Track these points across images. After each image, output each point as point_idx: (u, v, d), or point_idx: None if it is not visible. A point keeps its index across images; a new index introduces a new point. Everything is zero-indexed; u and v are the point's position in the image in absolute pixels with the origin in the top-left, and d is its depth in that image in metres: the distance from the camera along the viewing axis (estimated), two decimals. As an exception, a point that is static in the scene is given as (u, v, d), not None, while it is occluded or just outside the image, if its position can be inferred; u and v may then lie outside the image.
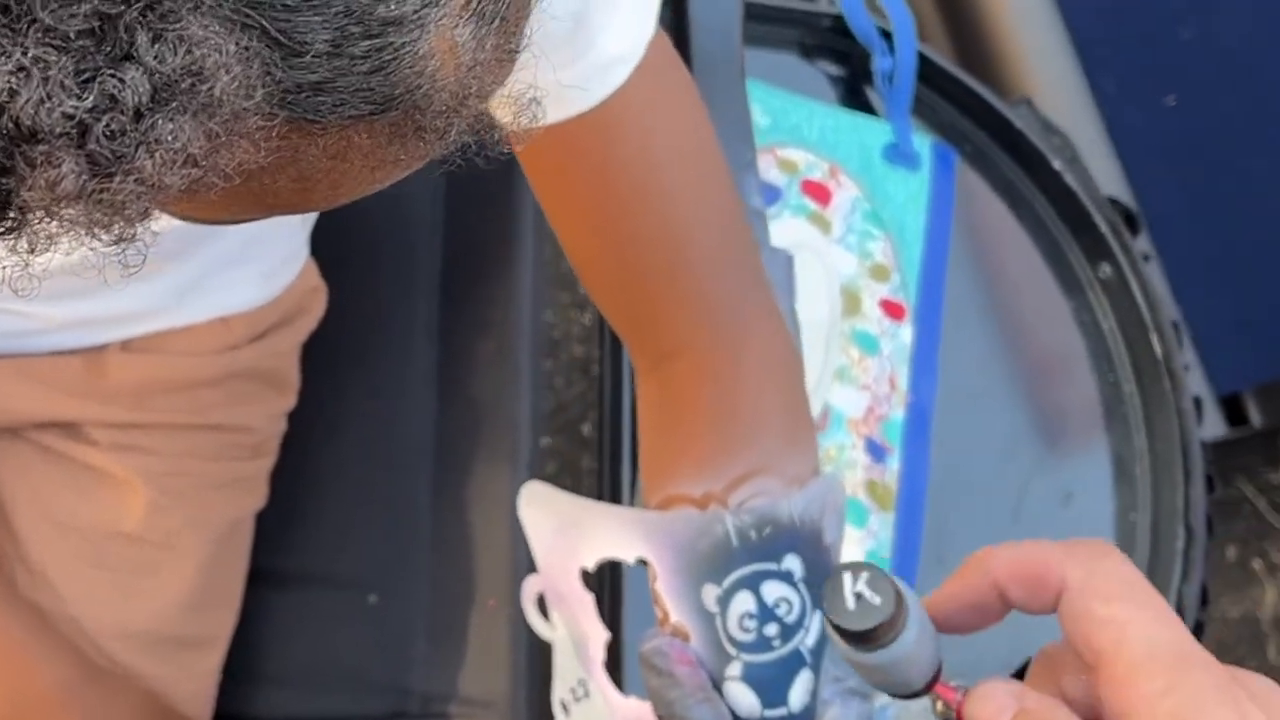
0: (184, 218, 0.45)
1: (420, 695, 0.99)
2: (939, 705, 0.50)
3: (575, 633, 0.72)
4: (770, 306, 0.74)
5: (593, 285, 0.75)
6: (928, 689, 0.49)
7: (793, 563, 0.67)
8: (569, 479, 1.06)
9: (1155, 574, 1.17)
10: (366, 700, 0.98)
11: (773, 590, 0.66)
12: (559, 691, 0.73)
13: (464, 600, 1.00)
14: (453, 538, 1.02)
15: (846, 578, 0.45)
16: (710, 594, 0.66)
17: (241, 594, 0.96)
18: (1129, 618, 0.43)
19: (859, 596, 0.45)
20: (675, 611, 0.67)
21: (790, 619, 0.66)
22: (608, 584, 0.92)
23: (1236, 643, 2.22)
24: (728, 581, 0.66)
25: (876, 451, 1.13)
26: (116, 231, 0.37)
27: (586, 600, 0.71)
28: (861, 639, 0.45)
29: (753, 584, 0.66)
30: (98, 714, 0.82)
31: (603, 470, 1.04)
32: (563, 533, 0.71)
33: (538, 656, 0.99)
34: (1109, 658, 0.43)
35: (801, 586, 0.66)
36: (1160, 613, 0.43)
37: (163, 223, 0.77)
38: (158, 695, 0.88)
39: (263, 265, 0.93)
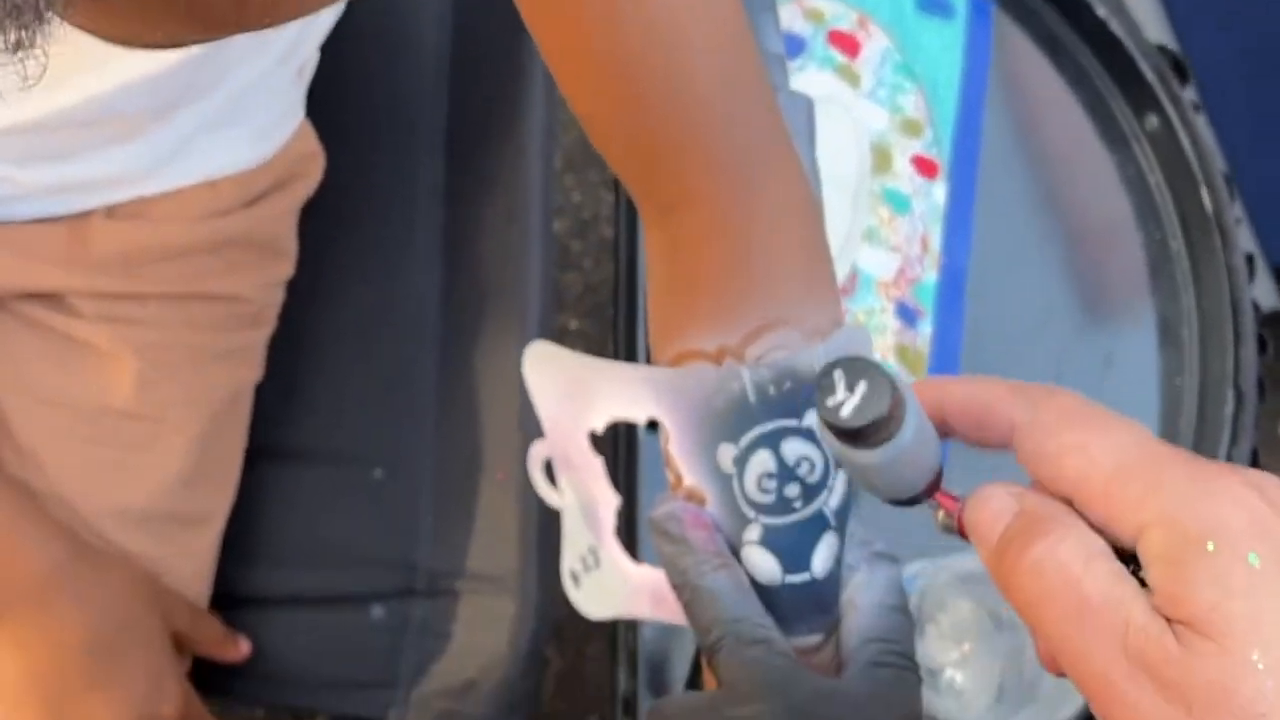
0: (106, 36, 0.39)
1: (427, 571, 0.95)
2: (940, 515, 0.48)
3: (585, 499, 0.68)
4: (787, 154, 0.68)
5: (596, 133, 0.70)
6: (928, 494, 0.47)
7: (814, 419, 0.62)
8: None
9: (1202, 441, 1.12)
10: (371, 577, 0.94)
11: (793, 448, 0.61)
12: (569, 561, 0.69)
13: (471, 473, 0.97)
14: (459, 409, 0.98)
15: (839, 374, 0.42)
16: (726, 454, 0.62)
17: (239, 470, 0.93)
18: (1085, 440, 0.42)
19: (853, 392, 0.42)
20: (689, 474, 0.63)
21: (813, 479, 0.61)
22: (621, 447, 0.88)
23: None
24: (745, 440, 0.61)
25: (908, 315, 1.08)
26: (13, 36, 0.32)
27: (596, 464, 0.67)
28: (856, 437, 0.42)
29: (772, 442, 0.61)
30: (92, 595, 0.79)
31: (618, 346, 1.00)
32: (570, 394, 0.67)
33: (547, 529, 0.96)
34: (1080, 485, 0.42)
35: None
36: (1116, 427, 0.43)
37: (135, 72, 0.73)
38: (153, 575, 0.85)
39: (252, 125, 0.88)
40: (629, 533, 0.87)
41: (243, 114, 0.86)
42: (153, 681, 0.80)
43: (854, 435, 0.42)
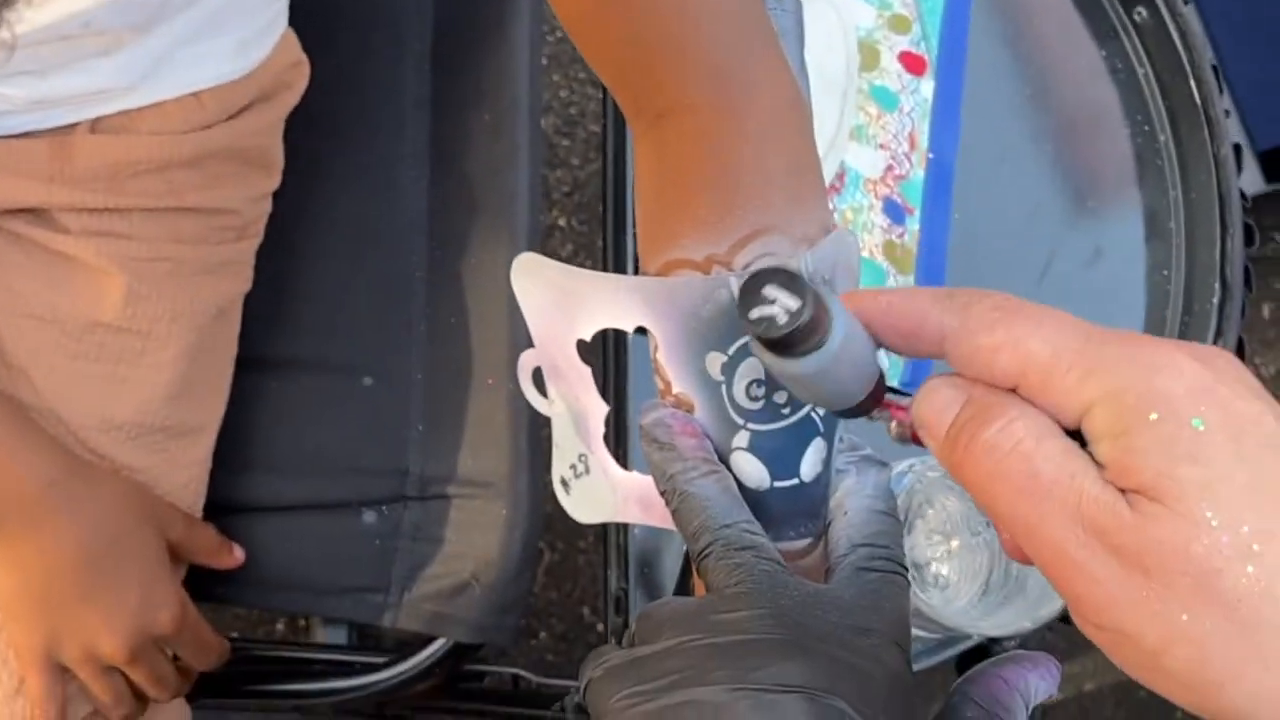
0: None
1: (418, 478, 0.96)
2: (893, 426, 0.49)
3: (574, 407, 0.68)
4: (776, 58, 0.68)
5: (584, 41, 0.69)
6: (874, 403, 0.47)
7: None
8: (586, 259, 1.02)
9: (1188, 332, 1.12)
10: (363, 485, 0.95)
11: None
12: (559, 468, 0.70)
13: (461, 380, 0.97)
14: (449, 316, 0.98)
15: (762, 285, 0.42)
16: (715, 362, 0.62)
17: (229, 381, 0.93)
18: (1018, 335, 0.42)
19: (774, 304, 0.42)
20: (678, 381, 0.62)
21: None
22: (610, 356, 0.89)
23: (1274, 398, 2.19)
24: (734, 348, 0.61)
25: (895, 212, 1.08)
26: None
27: (585, 373, 0.67)
28: (784, 347, 0.43)
29: None
30: (84, 509, 0.79)
31: (606, 245, 0.99)
32: (558, 303, 0.67)
33: (537, 435, 0.96)
34: (1020, 375, 0.42)
35: None
36: (1048, 318, 0.42)
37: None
38: (146, 487, 0.86)
39: (236, 36, 0.87)
40: (619, 440, 0.88)
41: (224, 26, 0.85)
42: (147, 591, 0.81)
43: (781, 345, 0.42)
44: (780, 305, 0.42)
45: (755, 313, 0.42)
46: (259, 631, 1.71)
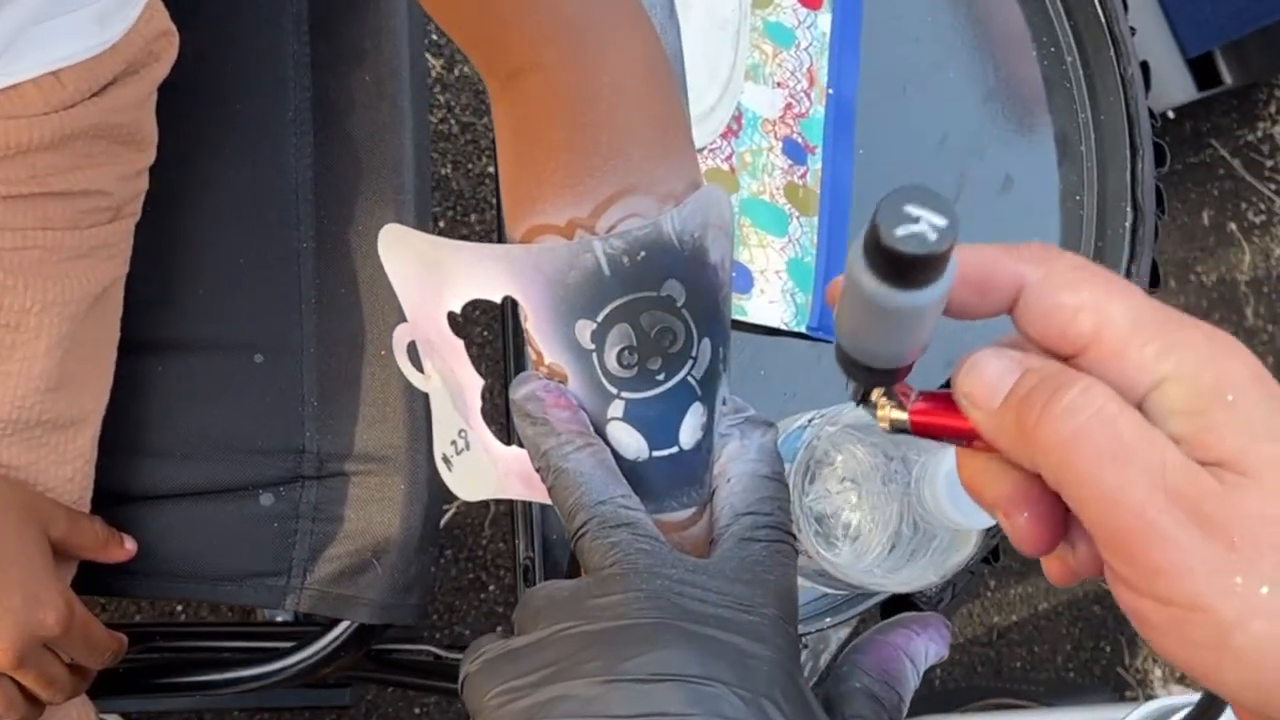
0: None
1: (315, 455, 0.94)
2: (886, 412, 0.47)
3: (450, 382, 0.66)
4: (630, 8, 0.65)
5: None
6: (906, 372, 0.46)
7: (673, 287, 0.60)
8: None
9: (1103, 256, 1.11)
10: (259, 465, 0.93)
11: (653, 319, 0.59)
12: (440, 445, 0.68)
13: (353, 354, 0.94)
14: (338, 289, 0.95)
15: (908, 204, 0.39)
16: (585, 330, 0.60)
17: (112, 368, 0.90)
18: (1104, 298, 0.42)
19: (918, 220, 0.39)
20: (549, 352, 0.61)
21: (675, 349, 0.60)
22: (509, 327, 0.87)
23: (1213, 307, 2.20)
24: (602, 315, 0.59)
25: (796, 152, 1.05)
26: None
27: (457, 345, 0.65)
28: (919, 268, 0.40)
29: (630, 315, 0.59)
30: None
31: (500, 207, 0.97)
32: (425, 277, 0.64)
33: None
34: (1094, 339, 0.42)
35: (685, 312, 0.60)
36: (1126, 288, 0.43)
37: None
38: (25, 484, 0.83)
39: (93, 8, 0.84)
40: (506, 413, 0.86)
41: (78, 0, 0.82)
42: (30, 593, 0.79)
43: (919, 267, 0.40)
44: (927, 222, 0.39)
45: (901, 229, 0.39)
46: (191, 611, 1.69)
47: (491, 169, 2.00)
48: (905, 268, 0.40)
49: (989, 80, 1.16)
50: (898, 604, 0.95)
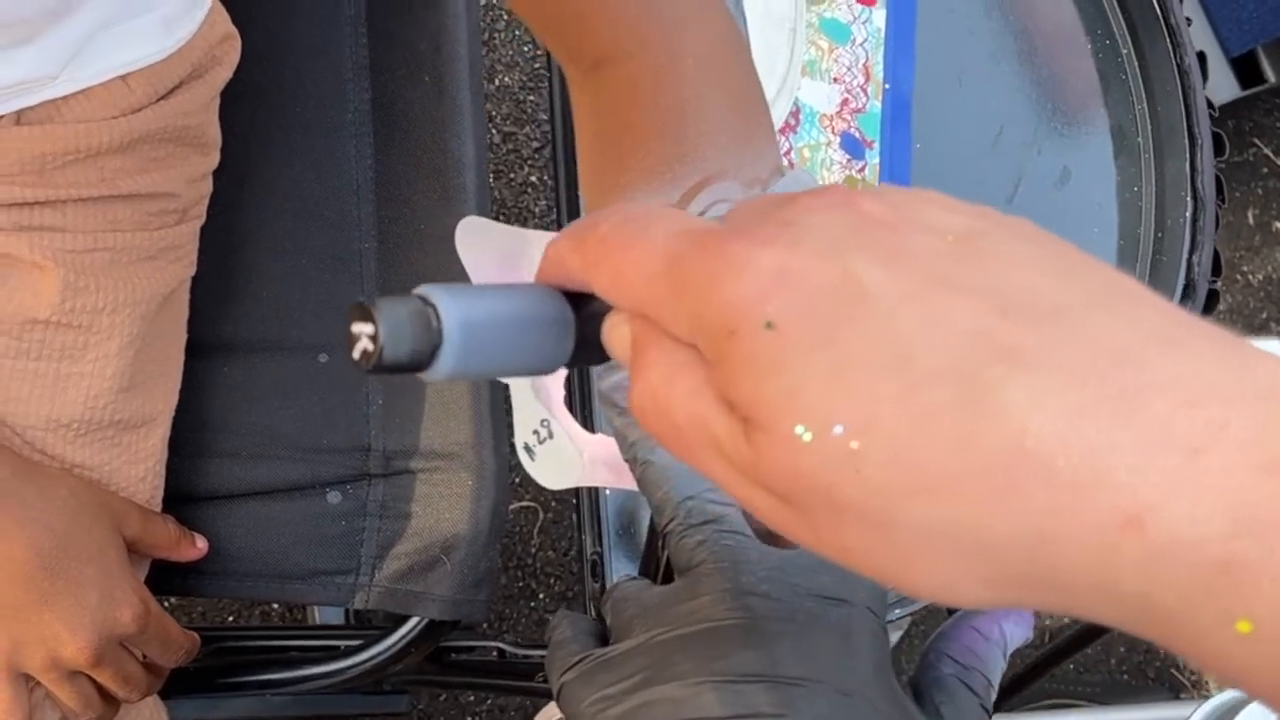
0: None
1: (381, 453, 0.94)
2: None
3: (530, 373, 0.66)
4: None
5: None
6: (592, 353, 0.42)
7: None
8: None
9: (1163, 247, 1.10)
10: (326, 464, 0.93)
11: None
12: (521, 435, 0.68)
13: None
14: (401, 284, 0.95)
15: (353, 324, 0.38)
16: (672, 316, 0.59)
17: (180, 368, 0.90)
18: (619, 266, 0.38)
19: (360, 338, 0.37)
20: (635, 343, 0.60)
21: None
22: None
23: (1261, 306, 2.18)
24: (690, 301, 0.59)
25: (854, 147, 1.05)
26: None
27: (537, 335, 0.65)
28: (395, 369, 0.38)
29: None
30: (34, 512, 0.77)
31: (560, 198, 0.97)
32: (504, 267, 0.64)
33: (499, 402, 0.94)
34: (635, 308, 0.38)
35: None
36: (642, 237, 0.37)
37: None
38: (100, 484, 0.83)
39: (159, 13, 0.84)
40: (584, 403, 0.86)
41: (146, 5, 0.83)
42: (107, 591, 0.79)
43: (394, 369, 0.38)
44: (365, 337, 0.37)
45: (354, 353, 0.37)
46: (255, 615, 1.70)
47: (534, 178, 2.00)
48: (388, 370, 0.38)
49: (1043, 74, 1.16)
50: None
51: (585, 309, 0.41)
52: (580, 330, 0.41)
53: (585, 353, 0.42)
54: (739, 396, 0.34)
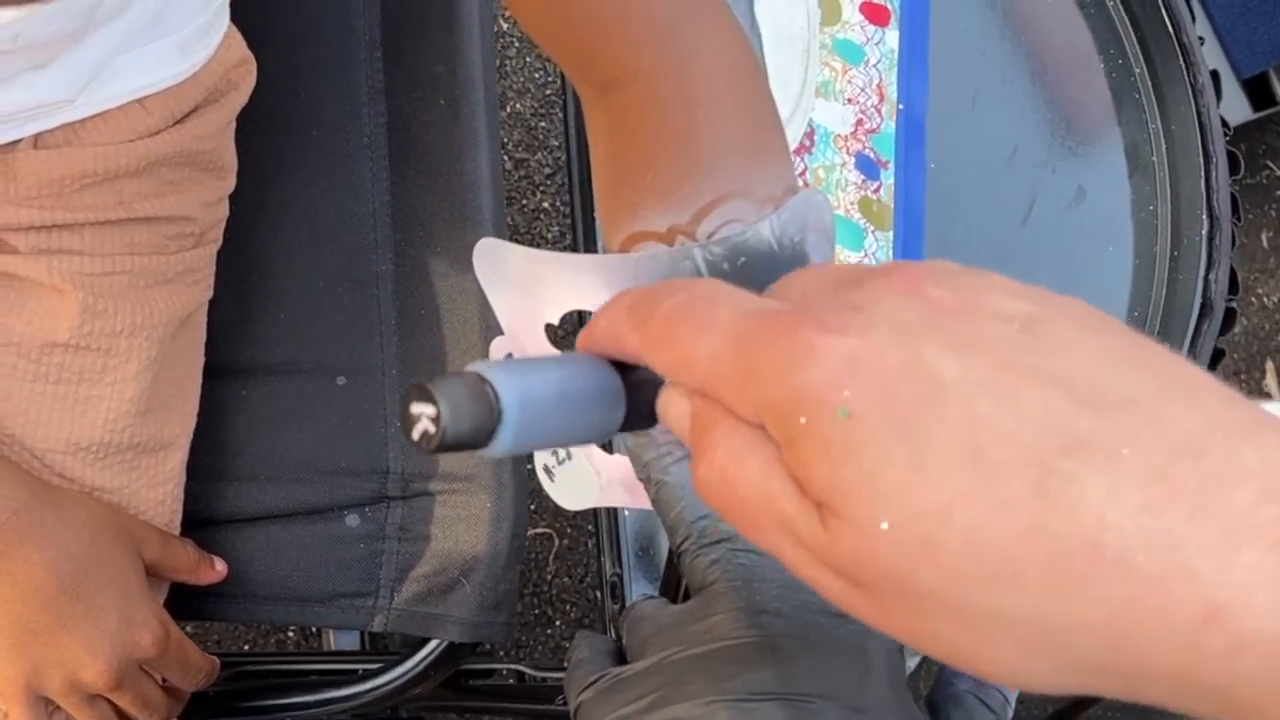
0: None
1: (400, 476, 0.94)
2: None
3: (548, 393, 0.66)
4: (720, 14, 0.66)
5: (522, 9, 0.67)
6: (642, 420, 0.43)
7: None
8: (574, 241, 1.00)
9: (1179, 265, 1.10)
10: (344, 487, 0.93)
11: None
12: (541, 456, 0.68)
13: (435, 372, 0.94)
14: (418, 308, 0.96)
15: (411, 404, 0.38)
16: (685, 337, 0.59)
17: (198, 391, 0.91)
18: (687, 347, 0.38)
19: (420, 418, 0.38)
20: (648, 361, 0.60)
21: None
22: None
23: (1276, 329, 2.17)
24: (705, 320, 0.59)
25: (868, 167, 1.05)
26: None
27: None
28: (458, 447, 0.38)
29: None
30: (54, 535, 0.77)
31: (575, 222, 0.97)
32: (522, 289, 0.64)
33: (517, 423, 0.94)
34: (702, 388, 0.38)
35: None
36: (716, 319, 0.38)
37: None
38: (119, 507, 0.84)
39: (176, 38, 0.85)
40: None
41: (162, 28, 0.83)
42: (126, 614, 0.79)
43: (457, 447, 0.38)
44: (426, 418, 0.38)
45: (414, 434, 0.38)
46: (271, 642, 1.70)
47: (546, 204, 2.01)
48: (449, 449, 0.38)
49: (1057, 93, 1.16)
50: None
51: (632, 376, 0.42)
52: (629, 397, 0.42)
53: (634, 420, 0.42)
54: (814, 481, 0.35)
